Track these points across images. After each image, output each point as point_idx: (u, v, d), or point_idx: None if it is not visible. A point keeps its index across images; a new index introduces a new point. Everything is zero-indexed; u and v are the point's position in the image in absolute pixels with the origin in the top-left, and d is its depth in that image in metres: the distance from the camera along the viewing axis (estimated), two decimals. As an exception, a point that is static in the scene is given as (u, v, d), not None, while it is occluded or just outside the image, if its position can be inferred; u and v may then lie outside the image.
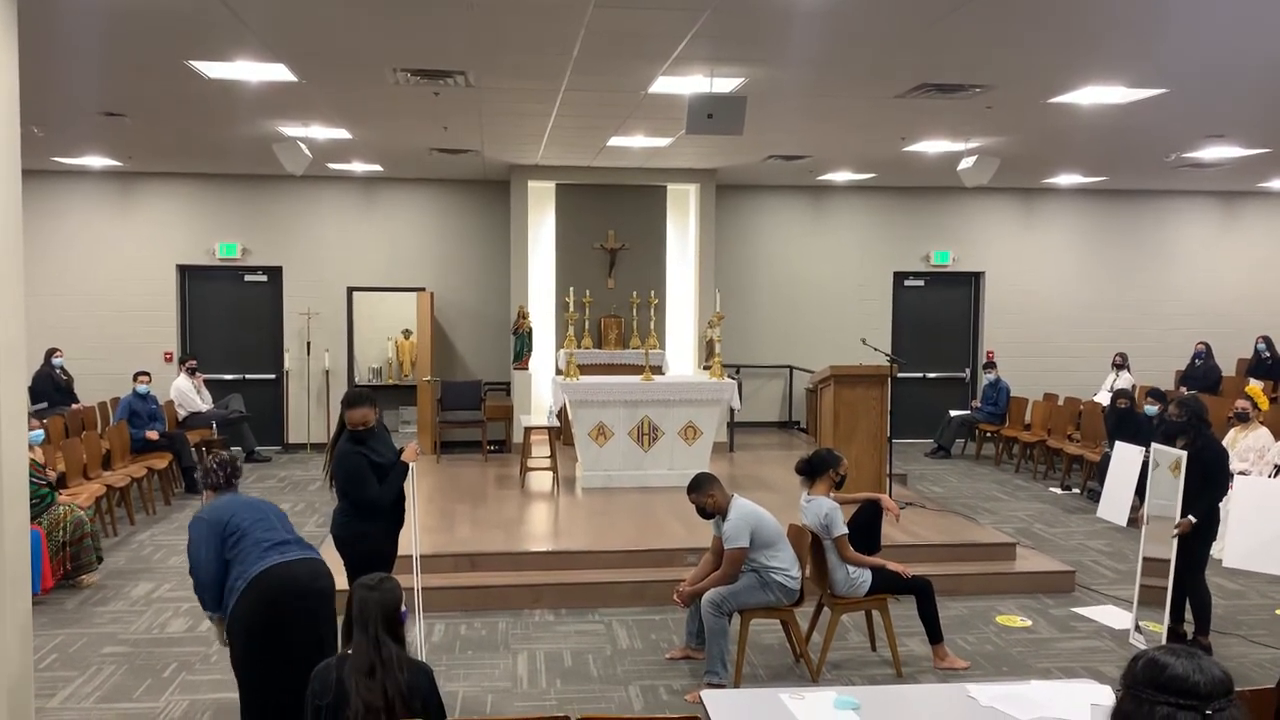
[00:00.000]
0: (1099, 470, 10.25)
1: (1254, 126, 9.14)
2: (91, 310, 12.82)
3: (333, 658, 3.53)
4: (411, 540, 5.73)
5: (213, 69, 6.91)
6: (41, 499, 7.27)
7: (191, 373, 11.98)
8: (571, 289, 11.42)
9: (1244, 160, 11.00)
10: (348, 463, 5.28)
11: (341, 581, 6.78)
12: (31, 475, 7.29)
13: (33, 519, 7.04)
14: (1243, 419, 8.80)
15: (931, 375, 14.43)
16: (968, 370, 14.61)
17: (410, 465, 5.46)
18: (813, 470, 6.03)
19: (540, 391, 12.14)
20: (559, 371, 11.21)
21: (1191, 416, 6.24)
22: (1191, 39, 6.08)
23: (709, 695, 3.98)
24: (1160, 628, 6.29)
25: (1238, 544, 8.02)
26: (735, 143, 9.72)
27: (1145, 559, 6.51)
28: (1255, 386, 11.64)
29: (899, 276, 14.31)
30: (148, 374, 10.94)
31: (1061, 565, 7.87)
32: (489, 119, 8.87)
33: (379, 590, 3.48)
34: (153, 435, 10.53)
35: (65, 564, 7.41)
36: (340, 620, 3.67)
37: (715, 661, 5.59)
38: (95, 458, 9.42)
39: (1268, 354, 13.27)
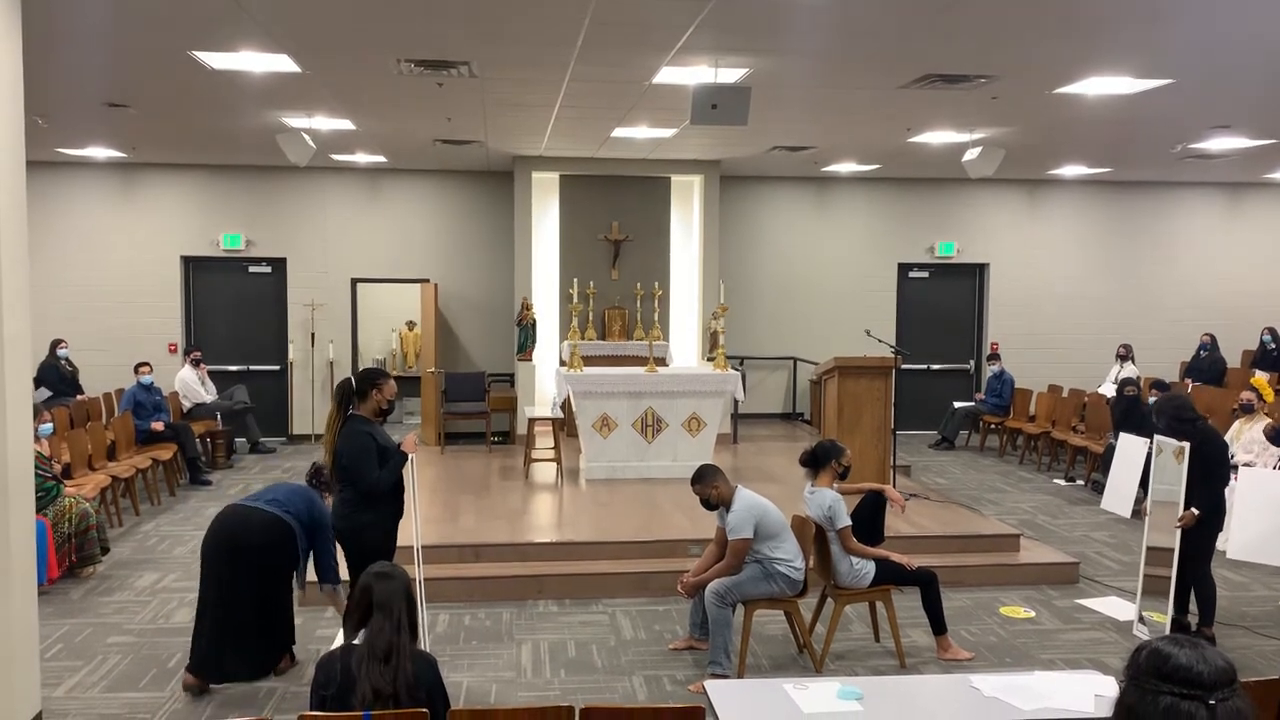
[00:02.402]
0: (1103, 462, 10.24)
1: (1260, 117, 9.11)
2: (96, 301, 12.84)
3: (337, 649, 3.54)
4: (413, 531, 5.73)
5: (216, 60, 6.90)
6: (47, 491, 7.29)
7: (196, 364, 12.00)
8: (575, 280, 11.42)
9: (1250, 151, 10.97)
10: (356, 441, 5.28)
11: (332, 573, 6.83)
12: (37, 467, 7.32)
13: (38, 510, 7.07)
14: (1248, 410, 8.78)
15: (936, 367, 14.42)
16: (972, 362, 14.60)
17: (409, 456, 5.46)
18: (817, 461, 6.03)
19: (544, 383, 12.14)
20: (563, 363, 11.21)
21: (1171, 420, 6.18)
22: (1198, 28, 6.06)
23: (712, 685, 3.99)
24: (1164, 618, 6.29)
25: (1242, 535, 8.02)
26: (739, 134, 9.70)
27: (1149, 548, 6.51)
28: (1260, 378, 11.62)
29: (903, 268, 14.30)
30: (148, 364, 10.96)
31: (1065, 557, 7.87)
32: (493, 110, 8.86)
33: (398, 578, 3.51)
34: (158, 426, 10.55)
35: (70, 555, 7.43)
36: (343, 610, 3.68)
37: (719, 652, 5.60)
38: (100, 449, 9.44)
39: (1273, 345, 13.24)
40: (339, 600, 5.70)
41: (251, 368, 13.36)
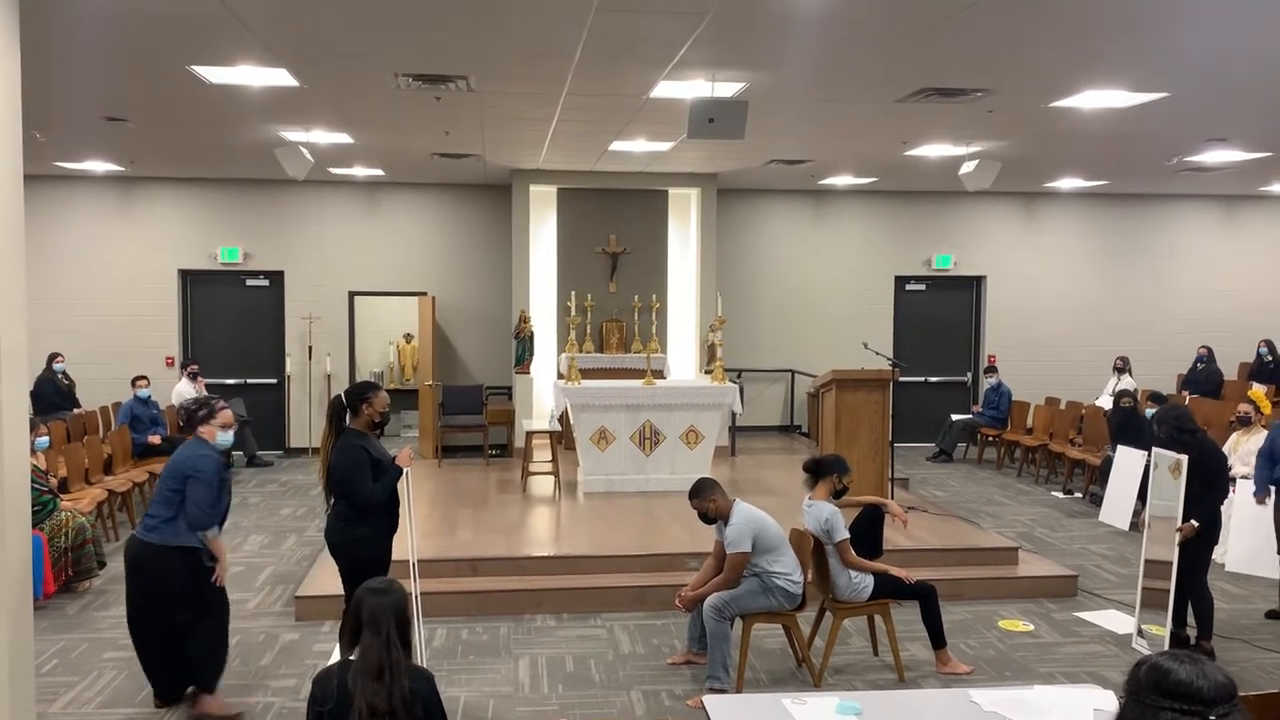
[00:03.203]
0: (1101, 474, 10.23)
1: (1255, 130, 9.14)
2: (94, 315, 12.84)
3: (333, 664, 3.52)
4: (409, 545, 5.72)
5: (215, 74, 6.92)
6: (44, 505, 7.27)
7: (193, 377, 11.98)
8: (573, 293, 11.43)
9: (1246, 164, 11.00)
10: (349, 454, 5.28)
11: (322, 586, 6.82)
12: (33, 481, 7.29)
13: (35, 525, 7.04)
14: (1245, 423, 8.79)
15: (933, 379, 14.43)
16: (969, 374, 14.61)
17: (404, 469, 5.45)
18: (819, 470, 6.02)
19: (542, 396, 12.14)
20: (560, 376, 11.21)
21: (1172, 431, 6.18)
22: (1193, 42, 6.08)
23: (711, 700, 3.98)
24: (1163, 631, 6.28)
25: (1240, 548, 8.03)
26: (736, 147, 9.72)
27: (1147, 561, 6.50)
28: (1257, 390, 11.64)
29: (900, 280, 14.32)
30: (145, 378, 10.97)
31: (1064, 570, 7.86)
32: (490, 123, 8.88)
33: (390, 594, 3.48)
34: (155, 440, 10.53)
35: (67, 569, 7.41)
36: (338, 625, 3.66)
37: (717, 666, 5.58)
38: (97, 462, 9.42)
39: (1269, 357, 13.26)
40: (217, 547, 5.29)
41: (249, 381, 13.34)
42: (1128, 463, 9.28)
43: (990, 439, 13.08)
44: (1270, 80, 7.01)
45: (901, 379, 11.72)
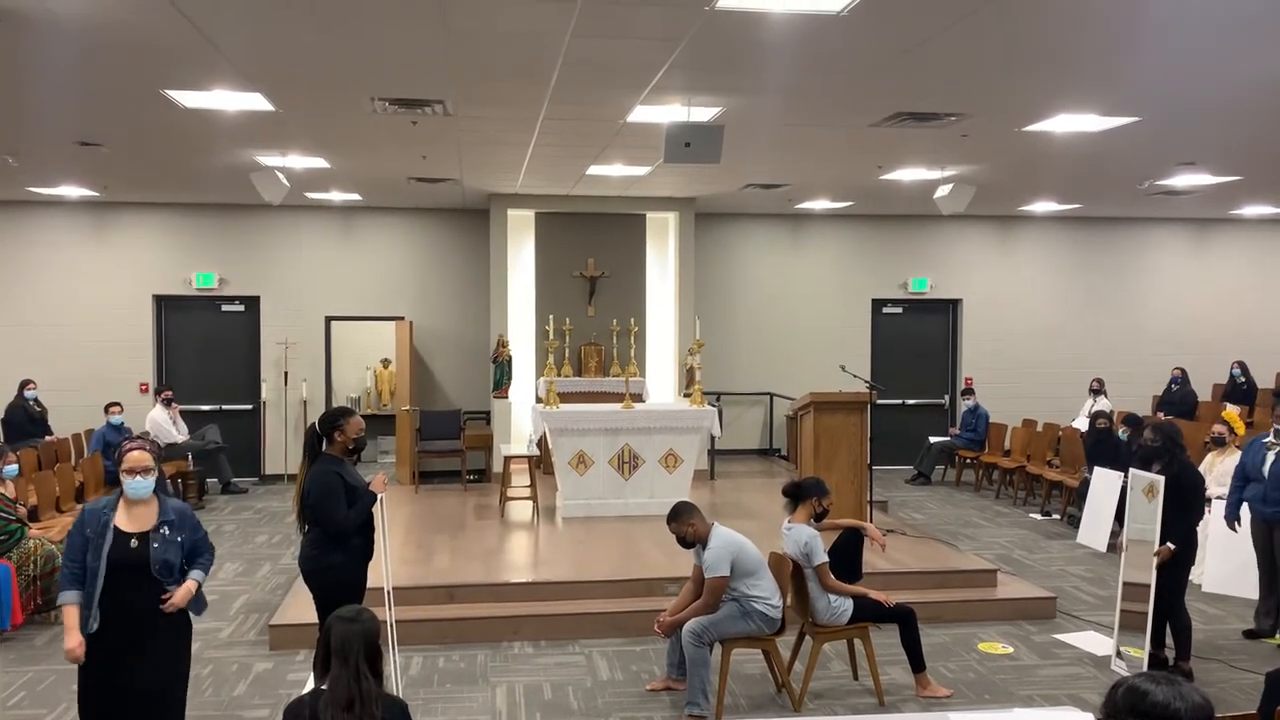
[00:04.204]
0: (1078, 496, 10.29)
1: (1225, 154, 9.27)
2: (67, 341, 12.68)
3: (306, 694, 3.47)
4: (384, 572, 5.65)
5: (189, 98, 6.89)
6: (10, 534, 7.16)
7: (167, 404, 11.87)
8: (551, 317, 11.41)
9: (1216, 188, 11.14)
10: (322, 480, 5.21)
11: (297, 614, 6.72)
12: (1, 510, 7.20)
13: (2, 554, 6.95)
14: (1219, 444, 8.86)
15: (911, 402, 14.47)
16: (947, 397, 14.67)
17: (379, 495, 5.39)
18: (799, 494, 6.02)
19: (520, 420, 12.09)
20: (539, 400, 11.16)
21: (1166, 441, 6.27)
22: (1163, 68, 6.16)
23: (690, 727, 3.94)
24: (1141, 652, 6.29)
25: (1216, 569, 8.08)
26: (713, 171, 9.76)
27: (1125, 583, 6.52)
28: (1231, 411, 11.72)
29: (877, 304, 14.39)
30: (119, 404, 10.87)
31: (1042, 591, 7.86)
32: (467, 147, 8.88)
33: (359, 623, 3.42)
34: (127, 467, 10.40)
35: (36, 598, 7.29)
36: (313, 654, 3.60)
37: (696, 692, 5.54)
38: (68, 490, 9.30)
39: (1243, 379, 13.38)
40: (65, 616, 4.44)
41: (224, 407, 13.22)
42: (1104, 485, 9.35)
43: (968, 461, 13.12)
44: (1238, 105, 7.10)
45: (879, 402, 11.72)
